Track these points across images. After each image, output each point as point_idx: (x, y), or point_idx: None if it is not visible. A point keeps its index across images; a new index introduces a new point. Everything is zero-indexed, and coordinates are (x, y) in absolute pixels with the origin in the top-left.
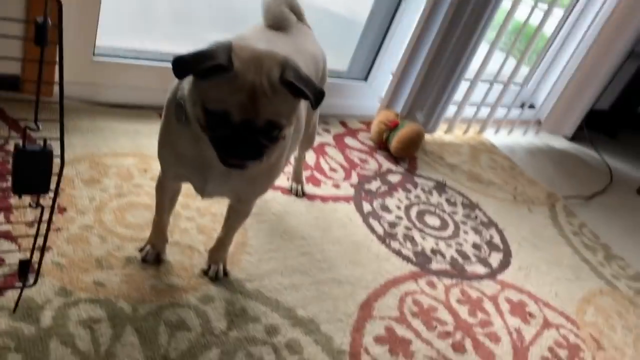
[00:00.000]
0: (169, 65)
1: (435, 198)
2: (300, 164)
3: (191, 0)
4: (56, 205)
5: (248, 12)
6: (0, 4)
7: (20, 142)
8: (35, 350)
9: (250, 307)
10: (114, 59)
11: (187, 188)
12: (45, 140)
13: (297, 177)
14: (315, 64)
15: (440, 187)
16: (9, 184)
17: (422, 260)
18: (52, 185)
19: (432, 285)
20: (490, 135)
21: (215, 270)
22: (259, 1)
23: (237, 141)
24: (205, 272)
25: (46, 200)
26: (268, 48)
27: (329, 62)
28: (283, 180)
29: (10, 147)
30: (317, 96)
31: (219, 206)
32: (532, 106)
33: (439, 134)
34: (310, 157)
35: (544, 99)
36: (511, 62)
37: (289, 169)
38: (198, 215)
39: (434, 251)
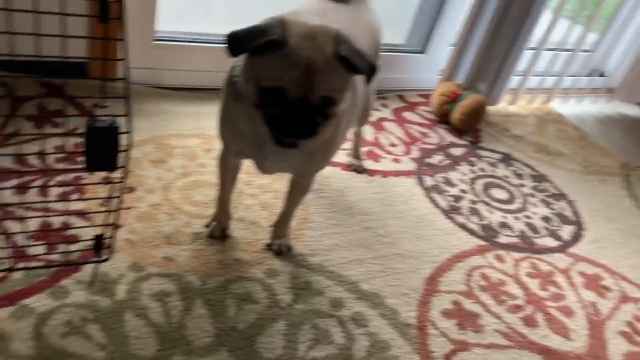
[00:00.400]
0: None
1: (501, 171)
2: (358, 139)
3: None
4: (126, 185)
5: None
6: None
7: (91, 122)
8: (112, 322)
9: (314, 280)
10: (172, 42)
11: (249, 165)
12: (112, 117)
13: (356, 153)
14: (371, 33)
15: (506, 159)
16: (82, 165)
17: (489, 234)
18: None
19: (500, 259)
20: (558, 105)
21: (279, 245)
22: None
23: (291, 119)
24: (269, 247)
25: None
26: (322, 20)
27: (385, 36)
28: (342, 156)
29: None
30: (370, 71)
31: (281, 183)
32: (602, 74)
33: (502, 105)
34: (368, 132)
35: (615, 66)
36: (578, 30)
37: (348, 145)
38: (260, 192)
39: (501, 224)
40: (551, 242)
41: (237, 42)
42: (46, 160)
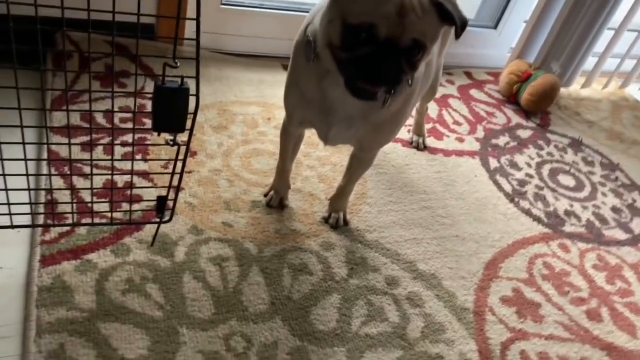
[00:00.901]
0: (292, 13)
1: (570, 156)
2: (422, 115)
3: None
4: (188, 147)
5: None
6: None
7: (160, 81)
8: (170, 283)
9: (370, 257)
10: (239, 7)
11: (308, 136)
12: (182, 78)
13: (418, 130)
14: None
15: (576, 144)
16: (146, 126)
17: (554, 222)
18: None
19: (564, 248)
20: (634, 91)
21: (336, 218)
22: None
23: (378, 60)
24: (325, 220)
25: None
26: None
27: None
28: (403, 132)
29: (147, 92)
30: (462, 23)
31: (339, 156)
32: None
33: (574, 88)
34: (432, 109)
35: None
36: None
37: (410, 121)
38: (319, 164)
39: (567, 212)
40: (620, 235)
41: None
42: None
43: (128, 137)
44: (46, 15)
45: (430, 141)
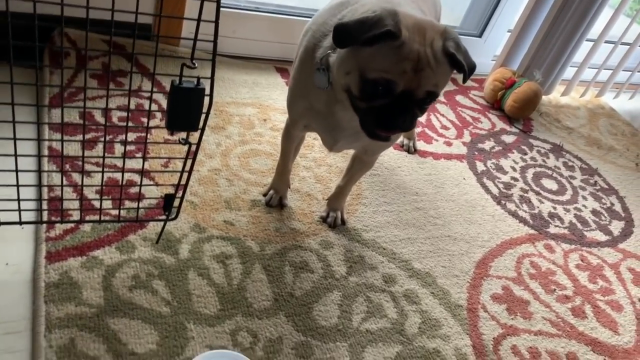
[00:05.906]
0: (285, 17)
1: (552, 161)
2: None
3: None
4: (199, 146)
5: None
6: None
7: (177, 80)
8: (176, 279)
9: (367, 255)
10: (234, 10)
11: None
12: (198, 78)
13: (409, 134)
14: (435, 11)
15: (557, 150)
16: (145, 124)
17: (539, 223)
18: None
19: (550, 248)
20: (610, 100)
21: (334, 218)
22: None
23: (395, 112)
24: (324, 219)
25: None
26: None
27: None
28: None
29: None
30: (470, 70)
31: (335, 158)
32: None
33: (554, 96)
34: None
35: None
36: (636, 28)
37: None
38: (315, 165)
39: (551, 215)
40: (600, 236)
41: (349, 33)
42: (112, 118)
43: (126, 137)
44: (44, 13)
45: (420, 145)
